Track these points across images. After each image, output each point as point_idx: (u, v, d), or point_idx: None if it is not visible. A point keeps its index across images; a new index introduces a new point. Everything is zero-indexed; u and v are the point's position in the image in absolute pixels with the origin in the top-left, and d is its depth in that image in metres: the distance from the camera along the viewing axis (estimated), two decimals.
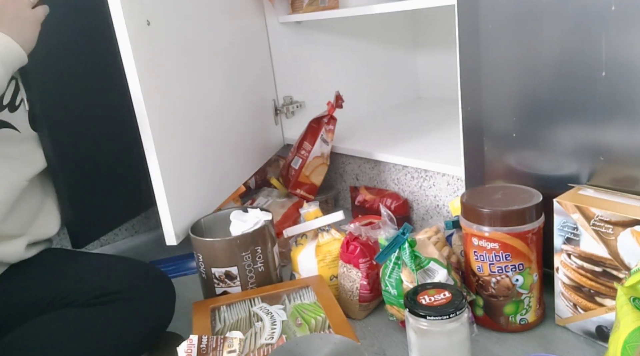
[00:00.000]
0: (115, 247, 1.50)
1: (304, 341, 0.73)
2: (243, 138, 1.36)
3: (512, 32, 0.90)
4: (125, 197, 1.20)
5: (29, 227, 0.96)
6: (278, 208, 1.34)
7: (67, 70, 1.03)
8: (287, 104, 1.62)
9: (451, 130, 1.48)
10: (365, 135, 1.56)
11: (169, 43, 1.06)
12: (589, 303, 0.84)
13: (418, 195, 1.32)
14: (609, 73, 0.81)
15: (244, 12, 1.42)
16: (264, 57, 1.53)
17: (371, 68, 1.83)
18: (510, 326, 0.91)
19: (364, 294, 0.98)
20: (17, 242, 0.93)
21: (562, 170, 0.91)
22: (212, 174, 1.19)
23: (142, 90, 0.95)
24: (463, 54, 0.99)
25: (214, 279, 1.00)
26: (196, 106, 1.14)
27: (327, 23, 1.68)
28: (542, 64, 0.88)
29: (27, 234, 0.95)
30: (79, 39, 1.06)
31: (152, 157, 0.98)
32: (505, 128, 0.97)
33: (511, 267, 0.87)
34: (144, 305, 0.90)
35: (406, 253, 0.89)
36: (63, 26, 1.02)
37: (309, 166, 1.39)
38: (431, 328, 0.77)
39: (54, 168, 0.99)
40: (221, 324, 0.91)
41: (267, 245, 1.02)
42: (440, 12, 1.78)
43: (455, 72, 1.02)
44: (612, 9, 0.78)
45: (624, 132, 0.82)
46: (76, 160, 1.04)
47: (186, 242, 1.06)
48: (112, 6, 0.91)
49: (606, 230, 0.79)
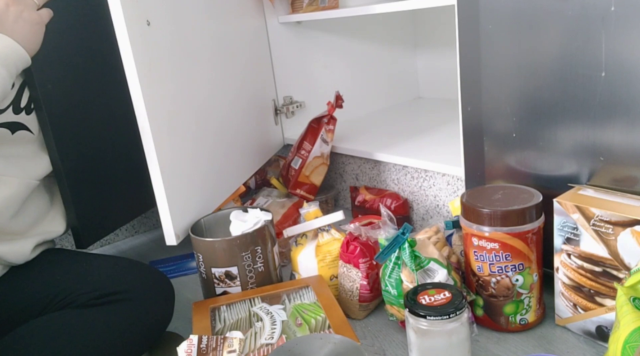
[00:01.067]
0: (115, 246, 1.50)
1: (304, 341, 0.73)
2: (243, 138, 1.36)
3: (512, 32, 0.90)
4: (128, 196, 1.20)
5: (37, 226, 0.97)
6: (278, 208, 1.34)
7: (70, 72, 1.04)
8: (287, 104, 1.63)
9: (451, 130, 1.48)
10: (365, 135, 1.56)
11: (169, 43, 1.06)
12: (589, 303, 0.84)
13: (418, 195, 1.32)
14: (609, 73, 0.81)
15: (244, 12, 1.42)
16: (264, 57, 1.53)
17: (371, 68, 1.83)
18: (510, 326, 0.91)
19: (364, 294, 0.98)
20: (25, 242, 0.94)
21: (562, 170, 0.91)
22: (212, 174, 1.19)
23: (142, 90, 0.95)
24: (463, 54, 0.99)
25: (214, 279, 1.00)
26: (196, 106, 1.14)
27: (327, 23, 1.68)
28: (542, 64, 0.88)
29: (34, 235, 0.96)
30: (80, 40, 1.07)
31: (152, 157, 0.98)
32: (505, 128, 0.97)
33: (511, 266, 0.87)
34: (143, 305, 0.90)
35: (406, 253, 0.89)
36: (64, 27, 1.01)
37: (309, 166, 1.39)
38: (431, 328, 0.77)
39: (58, 169, 0.99)
40: (221, 324, 0.91)
41: (267, 245, 1.02)
42: (440, 12, 1.78)
43: (455, 72, 1.02)
44: (612, 10, 0.78)
45: (624, 132, 0.82)
46: (80, 161, 1.04)
47: (186, 242, 1.06)
48: (112, 6, 0.91)
49: (606, 230, 0.79)
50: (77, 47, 1.06)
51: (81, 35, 1.07)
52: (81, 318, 0.85)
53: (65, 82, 1.01)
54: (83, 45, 1.07)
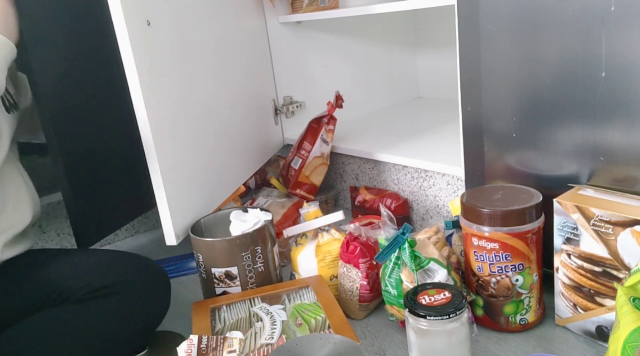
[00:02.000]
0: (115, 246, 1.50)
1: (304, 341, 0.73)
2: (243, 138, 1.36)
3: (512, 32, 0.90)
4: (130, 196, 1.20)
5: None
6: (278, 208, 1.34)
7: (70, 71, 1.03)
8: (287, 104, 1.63)
9: (451, 130, 1.48)
10: (365, 135, 1.56)
11: (169, 43, 1.06)
12: (589, 303, 0.84)
13: (418, 195, 1.32)
14: (609, 73, 0.81)
15: (244, 12, 1.42)
16: (264, 57, 1.53)
17: (371, 68, 1.83)
18: (510, 326, 0.91)
19: (364, 294, 0.98)
20: None
21: (562, 170, 0.91)
22: (212, 174, 1.19)
23: (142, 90, 0.95)
24: (463, 54, 0.99)
25: (214, 279, 1.00)
26: (196, 106, 1.14)
27: (327, 23, 1.68)
28: (542, 64, 0.88)
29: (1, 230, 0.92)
30: (80, 39, 1.07)
31: (152, 157, 0.98)
32: (505, 128, 0.97)
33: (511, 266, 0.87)
34: (137, 297, 0.90)
35: (406, 253, 0.89)
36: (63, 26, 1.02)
37: (309, 166, 1.39)
38: (431, 328, 0.77)
39: (59, 168, 0.98)
40: (221, 324, 0.91)
41: (267, 245, 1.02)
42: (440, 12, 1.78)
43: (455, 72, 1.02)
44: (612, 10, 0.78)
45: (624, 132, 0.82)
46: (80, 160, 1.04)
47: (186, 242, 1.06)
48: (112, 6, 0.91)
49: (606, 230, 0.79)
50: (78, 46, 1.06)
51: (81, 34, 1.07)
52: (75, 313, 0.85)
53: (66, 81, 1.02)
54: (83, 44, 1.07)
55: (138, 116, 0.96)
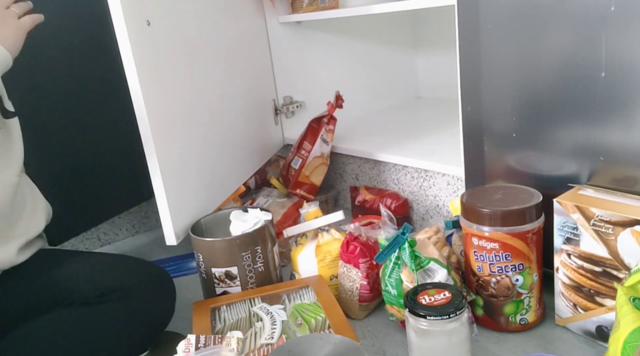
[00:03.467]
0: (116, 246, 1.50)
1: (304, 341, 0.73)
2: (243, 138, 1.36)
3: (512, 32, 0.90)
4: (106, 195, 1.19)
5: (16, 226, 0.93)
6: (278, 208, 1.34)
7: (68, 71, 1.03)
8: (287, 104, 1.62)
9: (451, 130, 1.48)
10: (365, 135, 1.56)
11: (169, 43, 1.06)
12: (589, 303, 0.84)
13: (418, 195, 1.32)
14: (609, 73, 0.81)
15: (244, 12, 1.42)
16: (264, 57, 1.53)
17: (371, 68, 1.83)
18: (510, 326, 0.91)
19: (364, 294, 0.98)
20: (8, 246, 0.91)
21: (562, 170, 0.91)
22: (212, 174, 1.19)
23: (142, 90, 0.95)
24: (463, 54, 0.99)
25: (214, 279, 1.00)
26: (196, 106, 1.14)
27: (327, 23, 1.68)
28: (542, 64, 0.88)
29: (16, 236, 0.92)
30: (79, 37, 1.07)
31: (152, 156, 0.98)
32: (505, 128, 0.97)
33: (511, 267, 0.87)
34: (143, 302, 0.90)
35: (406, 253, 0.89)
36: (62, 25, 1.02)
37: (309, 166, 1.39)
38: (431, 328, 0.77)
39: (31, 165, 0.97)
40: (221, 324, 0.91)
41: (267, 245, 1.02)
42: (440, 12, 1.78)
43: (455, 72, 1.02)
44: (612, 9, 0.78)
45: (624, 132, 0.82)
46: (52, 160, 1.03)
47: (186, 241, 1.06)
48: (112, 6, 0.91)
49: (606, 230, 0.79)
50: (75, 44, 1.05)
51: (80, 33, 1.07)
52: (81, 317, 0.85)
53: (59, 80, 1.01)
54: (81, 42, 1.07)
55: (137, 115, 0.96)
